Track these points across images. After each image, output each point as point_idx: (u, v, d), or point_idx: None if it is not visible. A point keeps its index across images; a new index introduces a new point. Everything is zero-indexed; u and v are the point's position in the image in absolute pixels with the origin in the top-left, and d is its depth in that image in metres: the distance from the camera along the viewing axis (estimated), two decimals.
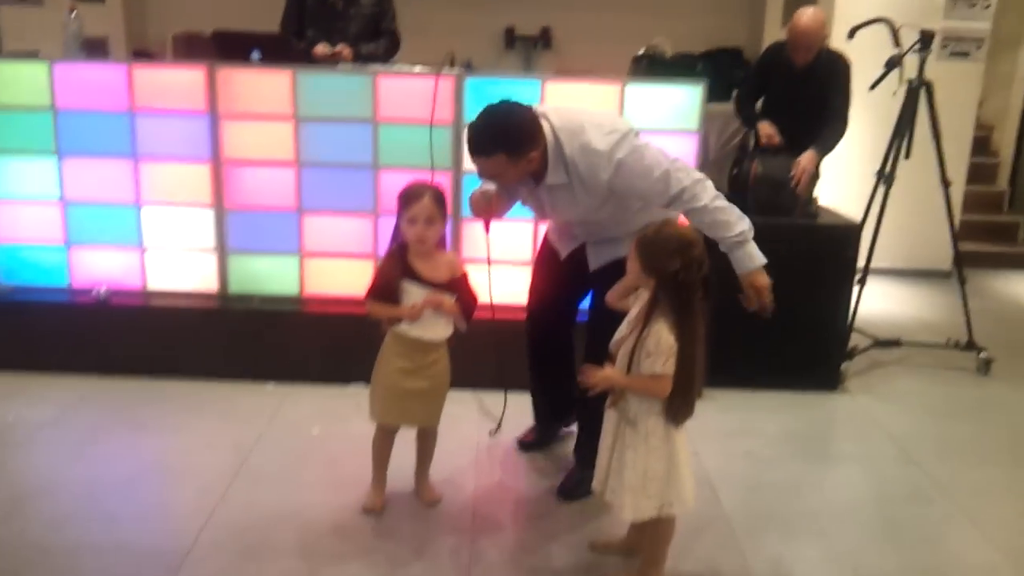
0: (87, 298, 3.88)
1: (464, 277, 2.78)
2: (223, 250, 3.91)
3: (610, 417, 2.44)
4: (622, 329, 2.40)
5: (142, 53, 6.02)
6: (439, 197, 2.68)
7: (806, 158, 4.00)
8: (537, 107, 2.71)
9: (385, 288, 2.67)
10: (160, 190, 3.85)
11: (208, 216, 3.87)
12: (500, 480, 3.12)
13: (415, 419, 2.85)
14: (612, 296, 2.50)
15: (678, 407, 2.33)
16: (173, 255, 3.94)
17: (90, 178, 3.85)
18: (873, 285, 4.16)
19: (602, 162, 2.59)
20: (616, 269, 2.75)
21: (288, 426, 3.45)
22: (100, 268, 3.94)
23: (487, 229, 2.93)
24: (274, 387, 3.79)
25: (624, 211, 2.75)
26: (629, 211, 2.75)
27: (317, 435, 3.37)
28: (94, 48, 5.66)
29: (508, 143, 2.56)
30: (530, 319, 3.15)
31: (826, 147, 4.11)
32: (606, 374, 2.36)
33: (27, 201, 3.89)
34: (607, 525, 2.84)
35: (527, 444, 3.31)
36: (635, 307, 2.41)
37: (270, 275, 3.94)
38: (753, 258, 2.69)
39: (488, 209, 2.80)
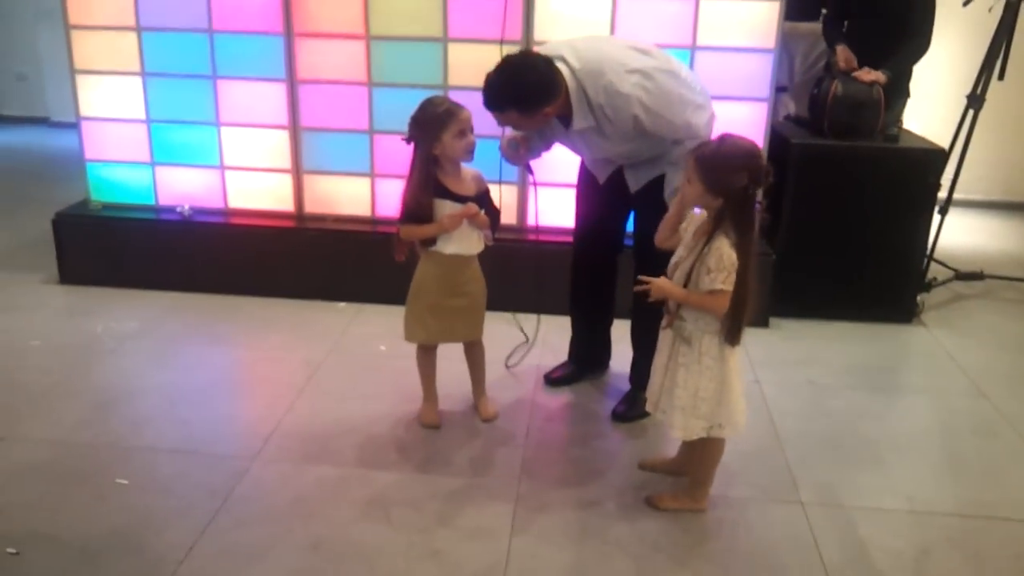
0: (172, 216, 4.05)
1: (488, 190, 2.82)
2: (298, 170, 4.01)
3: (665, 336, 2.45)
4: (679, 252, 2.39)
5: None
6: None
7: (873, 74, 3.84)
8: (555, 47, 2.69)
9: (418, 209, 2.71)
10: (238, 111, 3.95)
11: (284, 137, 3.96)
12: (557, 399, 3.18)
13: (459, 335, 2.93)
14: (661, 235, 2.45)
15: (733, 325, 2.32)
16: (251, 175, 4.05)
17: (173, 98, 3.97)
18: (960, 216, 4.02)
19: (627, 105, 2.58)
20: (656, 188, 2.78)
21: (357, 343, 3.57)
22: (184, 187, 4.10)
23: (530, 171, 3.02)
24: (345, 306, 3.92)
25: (660, 140, 2.72)
26: (665, 140, 2.71)
27: (384, 351, 3.48)
28: None
29: (519, 100, 2.58)
30: (576, 245, 3.16)
31: (899, 66, 3.93)
32: (662, 283, 2.34)
33: (114, 120, 4.04)
34: (658, 445, 2.88)
35: (555, 379, 3.29)
36: (690, 229, 2.39)
37: (343, 196, 4.03)
38: None
39: (519, 155, 2.86)
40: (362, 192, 4.01)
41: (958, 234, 4.24)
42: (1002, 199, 5.73)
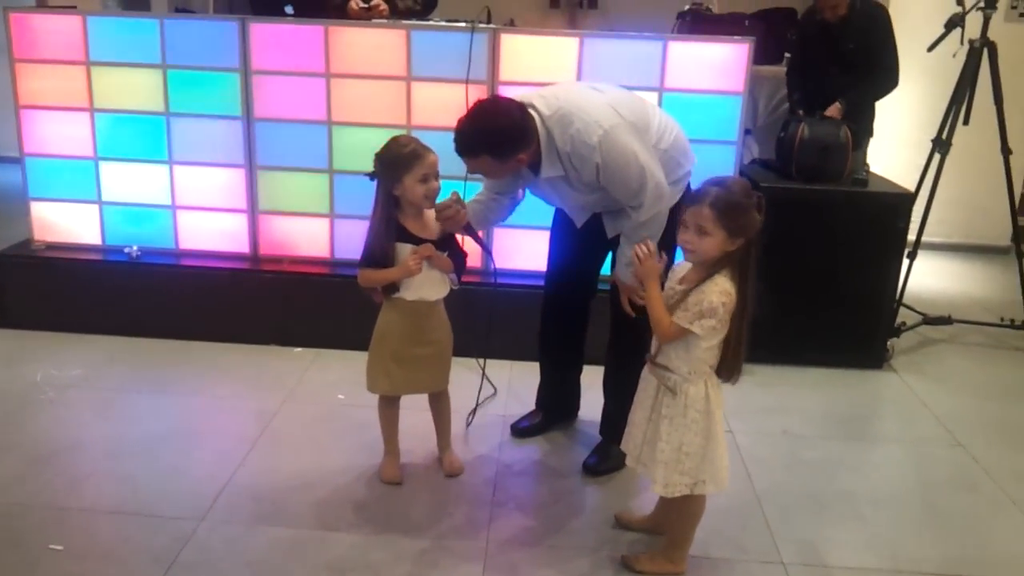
0: (119, 257, 3.87)
1: (453, 233, 2.70)
2: (254, 210, 3.86)
3: (648, 384, 2.34)
4: (669, 291, 2.28)
5: (183, 9, 5.97)
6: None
7: (832, 109, 3.86)
8: (525, 95, 2.63)
9: (380, 254, 2.59)
10: (192, 148, 3.79)
11: (239, 176, 3.81)
12: (525, 452, 3.04)
13: (424, 385, 2.79)
14: (663, 325, 2.24)
15: (732, 364, 2.24)
16: (204, 215, 3.89)
17: (122, 134, 3.81)
18: (924, 259, 3.98)
19: (591, 156, 2.51)
20: None
21: (314, 391, 3.40)
22: (132, 227, 3.92)
23: (475, 238, 2.79)
24: (301, 351, 3.75)
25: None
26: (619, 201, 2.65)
27: (343, 400, 3.32)
28: (136, 2, 5.66)
29: (492, 146, 2.50)
30: (548, 288, 3.05)
31: (863, 98, 3.93)
32: (652, 265, 2.26)
33: (60, 156, 3.86)
34: (633, 499, 2.75)
35: (523, 430, 3.14)
36: (673, 278, 2.29)
37: (301, 237, 3.88)
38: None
39: (454, 220, 2.62)
40: (320, 233, 3.87)
41: (922, 277, 4.22)
42: (963, 241, 5.75)
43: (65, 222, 3.93)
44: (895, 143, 4.76)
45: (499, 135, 2.49)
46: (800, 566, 2.47)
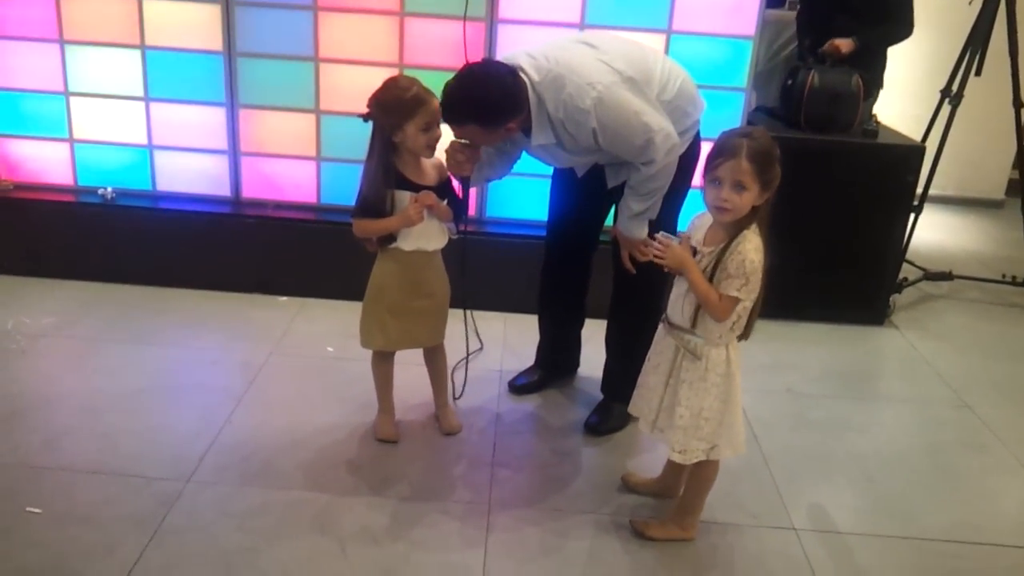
0: (93, 198, 3.66)
1: (451, 179, 2.56)
2: (236, 151, 3.65)
3: (666, 347, 2.21)
4: (694, 245, 2.14)
5: None
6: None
7: (841, 41, 3.69)
8: (512, 56, 2.45)
9: (376, 201, 2.43)
10: (169, 83, 3.57)
11: (221, 114, 3.60)
12: (524, 410, 2.92)
13: (420, 340, 2.66)
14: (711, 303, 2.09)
15: (749, 321, 2.13)
16: (184, 155, 3.68)
17: (95, 68, 3.57)
18: (924, 213, 3.87)
19: (587, 120, 2.35)
20: None
21: (301, 343, 3.26)
22: (107, 167, 3.70)
23: (464, 186, 2.58)
24: (287, 300, 3.59)
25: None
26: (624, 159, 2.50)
27: (332, 353, 3.18)
28: None
29: (481, 115, 2.33)
30: (549, 240, 2.91)
31: (876, 41, 3.80)
32: (681, 253, 2.08)
33: (28, 90, 3.62)
34: (634, 460, 2.65)
35: (521, 387, 3.02)
36: (695, 235, 2.15)
37: (286, 180, 3.69)
38: (643, 229, 2.50)
39: (461, 165, 2.47)
40: (307, 176, 3.68)
41: (920, 231, 4.12)
42: (957, 195, 5.66)
43: (35, 161, 3.71)
44: (899, 93, 4.61)
45: (488, 104, 2.32)
46: (812, 532, 2.39)
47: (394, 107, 2.38)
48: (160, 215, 3.64)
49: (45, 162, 3.71)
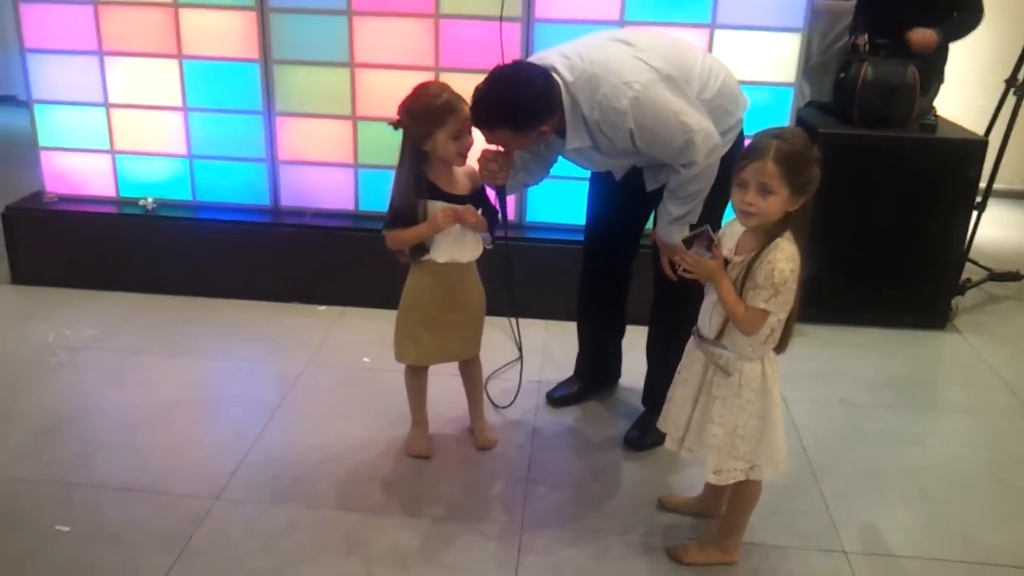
0: (134, 210, 3.67)
1: (484, 188, 2.47)
2: (274, 160, 3.63)
3: (694, 360, 2.11)
4: (725, 254, 2.03)
5: None
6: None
7: (920, 33, 3.48)
8: (544, 56, 2.35)
9: (408, 212, 2.36)
10: (209, 93, 3.56)
11: (258, 123, 3.58)
12: (562, 423, 2.84)
13: (455, 353, 2.59)
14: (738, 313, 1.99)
15: (785, 332, 2.01)
16: (223, 165, 3.67)
17: (134, 79, 3.58)
18: (989, 208, 3.67)
19: (623, 121, 2.24)
20: None
21: (338, 353, 3.21)
22: (148, 178, 3.71)
23: (498, 195, 2.49)
24: (326, 309, 3.56)
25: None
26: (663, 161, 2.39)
27: (368, 363, 3.13)
28: None
29: (512, 118, 2.24)
30: (587, 246, 2.81)
31: (952, 33, 3.57)
32: (710, 264, 1.97)
33: (70, 103, 3.64)
34: (678, 478, 2.55)
35: (559, 399, 2.93)
36: (726, 242, 2.04)
37: (324, 188, 3.66)
38: (684, 233, 2.32)
39: (495, 175, 2.38)
40: (345, 184, 3.64)
41: (986, 227, 3.90)
42: None
43: (78, 173, 3.74)
44: (960, 84, 4.39)
45: (520, 107, 2.23)
46: (862, 556, 2.26)
47: (424, 115, 2.31)
48: (200, 225, 3.63)
49: (87, 174, 3.73)
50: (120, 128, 3.65)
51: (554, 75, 2.29)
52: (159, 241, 3.62)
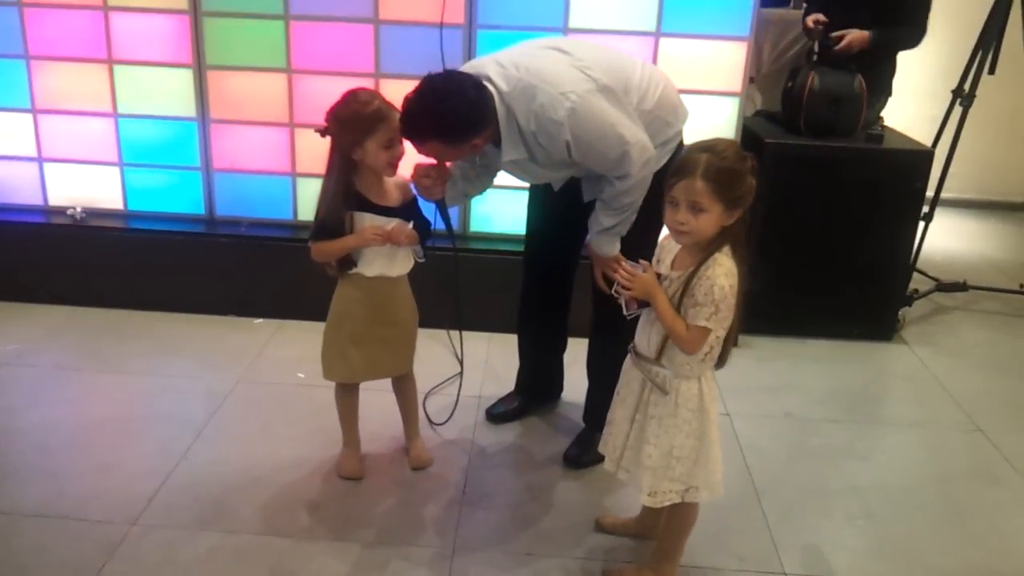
0: (62, 219, 3.53)
1: (415, 199, 2.39)
2: (209, 167, 3.51)
3: (634, 378, 2.04)
4: (661, 269, 1.97)
5: None
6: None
7: (855, 32, 3.45)
8: (479, 64, 2.28)
9: (335, 225, 2.27)
10: (139, 99, 3.44)
11: (192, 129, 3.46)
12: (500, 440, 2.75)
13: (386, 370, 2.51)
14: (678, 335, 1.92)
15: (726, 349, 1.95)
16: (155, 173, 3.54)
17: (62, 84, 3.45)
18: (936, 218, 3.65)
19: (560, 132, 2.18)
20: None
21: (272, 369, 3.11)
22: (76, 186, 3.57)
23: (441, 211, 2.43)
24: (262, 322, 3.45)
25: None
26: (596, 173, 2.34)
27: (303, 379, 3.03)
28: None
29: (443, 131, 2.16)
30: (528, 257, 2.74)
31: (889, 43, 3.56)
32: (648, 280, 1.90)
33: None
34: (617, 498, 2.47)
35: (499, 415, 2.85)
36: (665, 259, 1.98)
37: (260, 197, 3.54)
38: (615, 245, 2.35)
39: (431, 190, 2.33)
40: (282, 193, 3.53)
41: (933, 237, 3.89)
42: (975, 198, 5.41)
43: (2, 180, 3.58)
44: (911, 94, 4.39)
45: (450, 119, 2.14)
46: None
47: (353, 122, 2.23)
48: (131, 235, 3.50)
49: (13, 181, 3.58)
50: (47, 135, 3.51)
51: (488, 85, 2.21)
52: (88, 252, 3.48)
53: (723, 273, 1.85)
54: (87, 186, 3.56)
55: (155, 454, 2.57)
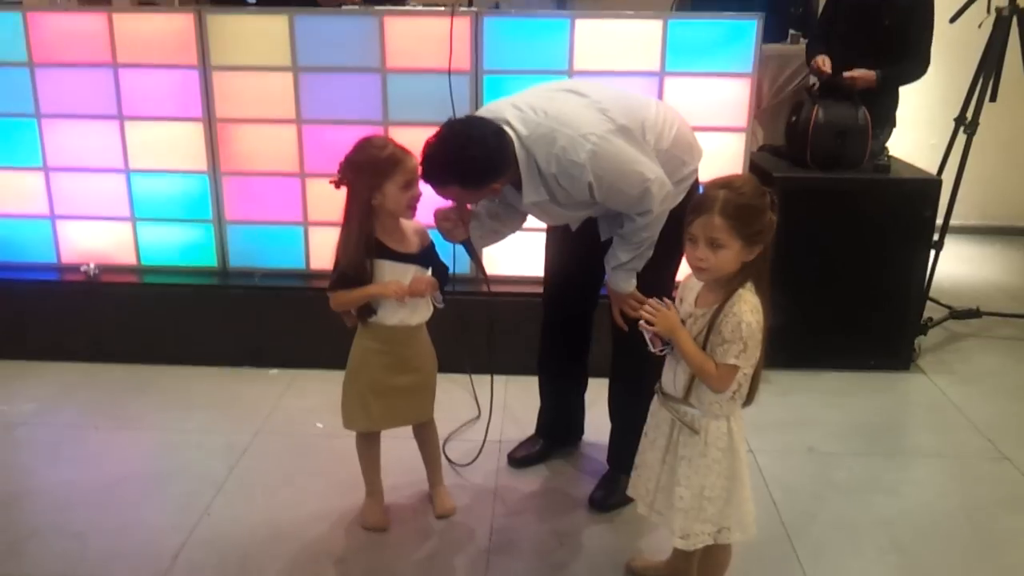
0: (75, 276, 3.54)
1: (433, 244, 2.41)
2: (220, 220, 3.53)
3: (661, 419, 2.02)
4: (685, 307, 1.97)
5: (147, 3, 5.62)
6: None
7: (861, 72, 3.49)
8: (497, 108, 2.30)
9: (354, 273, 2.27)
10: (150, 154, 3.46)
11: (203, 183, 3.48)
12: (524, 485, 2.73)
13: (407, 418, 2.50)
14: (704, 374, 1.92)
15: (754, 386, 1.95)
16: (167, 227, 3.55)
17: (74, 142, 3.47)
18: (945, 246, 3.66)
19: (583, 174, 2.20)
20: None
21: (289, 420, 3.09)
22: (89, 242, 3.58)
23: (470, 251, 2.47)
24: (278, 372, 3.44)
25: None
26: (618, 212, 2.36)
27: (322, 429, 3.01)
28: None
29: (463, 176, 2.19)
30: (547, 297, 2.75)
31: (894, 78, 3.60)
32: (671, 317, 1.90)
33: (7, 168, 3.52)
34: (647, 543, 2.44)
35: (521, 459, 2.83)
36: (687, 297, 1.98)
37: (273, 247, 3.55)
38: (631, 282, 2.38)
39: (454, 233, 2.38)
40: (294, 242, 3.54)
41: (942, 263, 3.90)
42: (980, 223, 5.42)
43: (15, 238, 3.60)
44: (913, 123, 4.42)
45: (471, 165, 2.17)
46: None
47: (371, 167, 2.24)
48: (145, 290, 3.51)
49: (25, 239, 3.59)
50: (59, 192, 3.53)
51: (507, 129, 2.23)
52: (102, 308, 3.48)
53: (749, 309, 1.85)
54: (100, 242, 3.57)
55: (177, 510, 2.54)
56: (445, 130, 2.21)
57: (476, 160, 2.17)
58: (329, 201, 3.36)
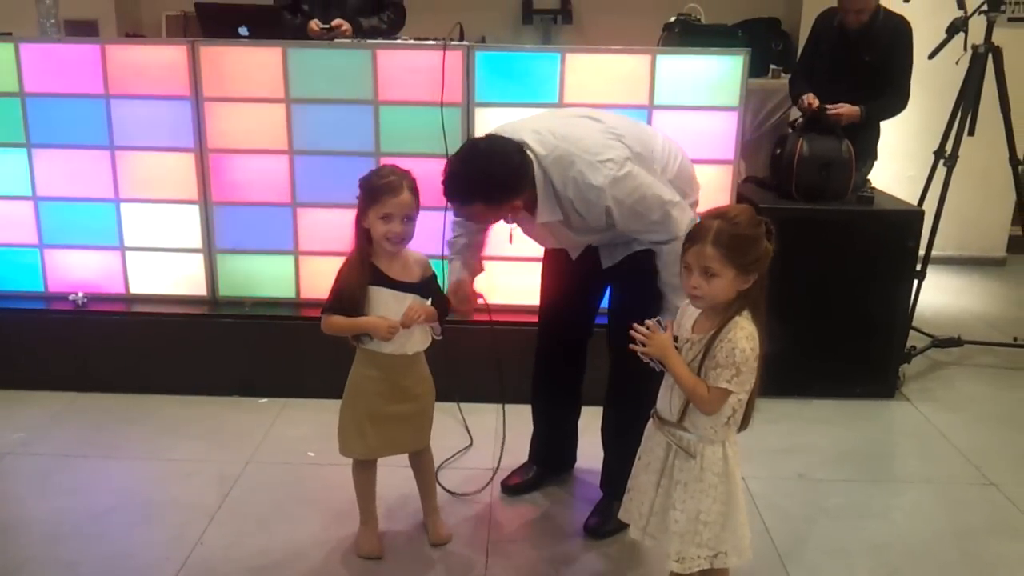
0: (64, 305, 3.52)
1: (434, 276, 2.42)
2: (211, 250, 3.53)
3: (656, 442, 2.04)
4: (683, 334, 2.00)
5: (134, 35, 5.65)
6: (416, 188, 2.29)
7: (846, 107, 3.58)
8: (514, 128, 2.35)
9: (349, 298, 2.28)
10: (141, 184, 3.47)
11: (194, 212, 3.49)
12: (519, 512, 2.73)
13: (403, 446, 2.49)
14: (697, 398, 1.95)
15: (749, 412, 1.98)
16: (157, 256, 3.55)
17: (64, 171, 3.47)
18: (926, 276, 3.73)
19: (600, 199, 2.25)
20: (635, 261, 2.44)
21: (280, 448, 3.08)
22: (78, 272, 3.57)
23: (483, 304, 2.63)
24: (267, 401, 3.42)
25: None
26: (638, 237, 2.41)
27: (313, 458, 3.00)
28: (82, 30, 5.31)
29: (488, 193, 2.23)
30: (542, 327, 2.77)
31: (876, 113, 3.70)
32: (664, 342, 1.92)
33: None
34: (643, 570, 2.45)
35: (515, 487, 2.83)
36: (684, 323, 2.01)
37: (263, 276, 3.56)
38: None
39: (468, 306, 2.53)
40: (285, 272, 3.55)
41: (926, 294, 3.97)
42: (956, 254, 5.52)
43: (2, 267, 3.58)
44: (892, 155, 4.51)
45: (496, 181, 2.21)
46: None
47: (364, 192, 2.30)
48: (134, 319, 3.49)
49: (14, 268, 3.58)
50: (48, 220, 3.52)
51: (527, 150, 2.27)
52: (90, 337, 3.46)
53: (744, 336, 1.89)
54: (89, 271, 3.56)
55: (169, 541, 2.52)
56: (469, 147, 2.26)
57: (501, 176, 2.21)
58: (320, 231, 3.44)
